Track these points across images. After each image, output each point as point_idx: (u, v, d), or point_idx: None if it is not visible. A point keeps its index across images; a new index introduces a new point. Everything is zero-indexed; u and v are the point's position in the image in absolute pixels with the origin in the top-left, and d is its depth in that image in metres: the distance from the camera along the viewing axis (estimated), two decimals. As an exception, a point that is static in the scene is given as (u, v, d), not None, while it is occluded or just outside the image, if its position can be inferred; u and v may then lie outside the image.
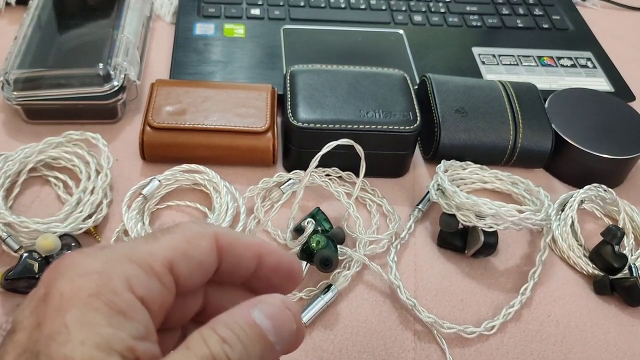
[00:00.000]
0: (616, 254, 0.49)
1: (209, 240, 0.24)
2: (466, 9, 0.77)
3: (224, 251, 0.25)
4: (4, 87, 0.55)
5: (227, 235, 0.25)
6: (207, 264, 0.24)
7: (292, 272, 0.26)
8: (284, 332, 0.23)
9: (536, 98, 0.59)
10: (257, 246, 0.26)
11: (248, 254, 0.25)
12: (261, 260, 0.26)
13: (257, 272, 0.26)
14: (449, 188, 0.49)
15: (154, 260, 0.22)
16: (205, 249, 0.24)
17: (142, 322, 0.21)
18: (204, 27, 0.70)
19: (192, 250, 0.23)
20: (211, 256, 0.24)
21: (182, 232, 0.24)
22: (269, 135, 0.54)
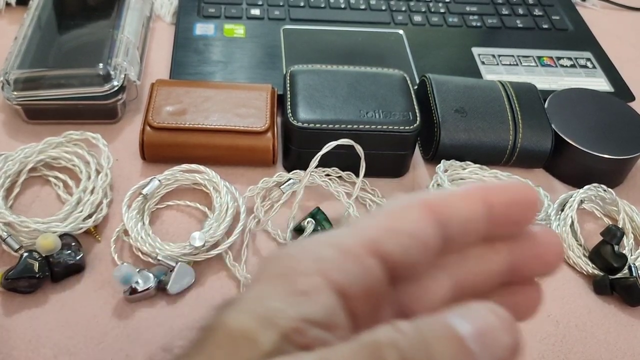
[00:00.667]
0: (616, 254, 0.49)
1: (418, 210, 0.20)
2: (466, 9, 0.77)
3: (441, 214, 0.21)
4: (4, 87, 0.55)
5: (438, 198, 0.21)
6: (422, 235, 0.20)
7: (527, 198, 0.22)
8: (491, 342, 0.17)
9: (536, 98, 0.59)
10: (477, 191, 0.21)
11: (471, 204, 0.21)
12: (488, 203, 0.21)
13: (491, 218, 0.21)
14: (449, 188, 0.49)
15: (354, 242, 0.20)
16: (414, 219, 0.20)
17: (327, 308, 0.18)
18: (204, 27, 0.70)
19: (397, 225, 0.20)
20: (425, 226, 0.20)
21: (385, 209, 0.21)
22: (269, 135, 0.54)
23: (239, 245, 0.50)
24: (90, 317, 0.44)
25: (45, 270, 0.44)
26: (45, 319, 0.44)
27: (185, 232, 0.50)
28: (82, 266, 0.46)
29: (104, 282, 0.46)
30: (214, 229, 0.48)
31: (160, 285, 0.45)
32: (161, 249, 0.47)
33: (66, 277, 0.46)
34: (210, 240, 0.47)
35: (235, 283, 0.47)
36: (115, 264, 0.47)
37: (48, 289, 0.45)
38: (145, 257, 0.47)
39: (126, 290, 0.44)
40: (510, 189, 0.22)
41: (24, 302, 0.44)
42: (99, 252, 0.48)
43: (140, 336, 0.43)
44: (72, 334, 0.43)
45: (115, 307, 0.45)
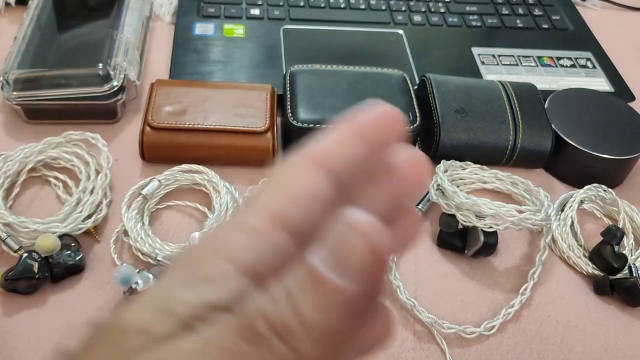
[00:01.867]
0: (616, 254, 0.49)
1: (306, 168, 0.20)
2: (466, 9, 0.77)
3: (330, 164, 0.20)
4: (3, 87, 0.55)
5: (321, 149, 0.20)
6: (320, 192, 0.19)
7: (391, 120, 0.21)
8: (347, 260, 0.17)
9: (536, 98, 0.59)
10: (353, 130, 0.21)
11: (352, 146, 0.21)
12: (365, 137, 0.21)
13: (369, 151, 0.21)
14: (448, 188, 0.49)
15: (259, 221, 0.19)
16: (307, 179, 0.20)
17: (229, 292, 0.18)
18: (204, 27, 0.70)
19: (295, 189, 0.20)
20: (319, 182, 0.20)
21: (276, 176, 0.21)
22: (269, 135, 0.54)
23: (238, 246, 0.49)
24: (90, 318, 0.44)
25: (45, 271, 0.44)
26: (45, 319, 0.43)
27: (185, 233, 0.50)
28: (81, 267, 0.46)
29: (103, 283, 0.46)
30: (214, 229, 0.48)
31: (160, 286, 0.45)
32: (161, 249, 0.47)
33: (66, 278, 0.46)
34: (210, 241, 0.47)
35: (235, 283, 0.47)
36: (114, 265, 0.47)
37: (48, 289, 0.45)
38: (145, 258, 0.47)
39: (126, 291, 0.44)
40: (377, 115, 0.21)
41: (23, 302, 0.44)
42: (99, 252, 0.48)
43: (140, 337, 0.43)
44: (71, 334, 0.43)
45: (115, 308, 0.44)
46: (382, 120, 0.21)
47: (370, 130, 0.21)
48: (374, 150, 0.20)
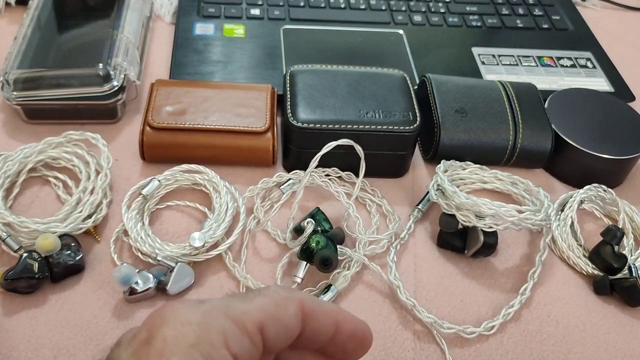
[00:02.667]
0: (616, 254, 0.49)
1: (296, 306, 0.25)
2: (466, 9, 0.77)
3: (307, 317, 0.25)
4: (3, 87, 0.55)
5: (310, 302, 0.26)
6: (292, 328, 0.25)
7: (365, 339, 0.27)
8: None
9: (536, 98, 0.59)
10: (335, 314, 0.27)
11: (328, 321, 0.26)
12: (338, 327, 0.26)
13: (333, 338, 0.27)
14: (448, 188, 0.49)
15: (248, 319, 0.23)
16: (292, 314, 0.25)
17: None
18: (204, 27, 0.70)
19: (280, 314, 0.25)
20: (296, 322, 0.25)
21: (271, 295, 0.25)
22: (269, 136, 0.54)
23: (238, 246, 0.50)
24: (90, 318, 0.44)
25: (45, 271, 0.44)
26: (45, 319, 0.43)
27: (185, 233, 0.50)
28: (81, 266, 0.46)
29: (103, 283, 0.46)
30: (214, 229, 0.48)
31: (160, 286, 0.45)
32: (161, 249, 0.47)
33: (66, 278, 0.46)
34: (209, 241, 0.47)
35: (235, 283, 0.47)
36: (114, 265, 0.47)
37: (48, 289, 0.45)
38: (145, 258, 0.47)
39: (126, 291, 0.44)
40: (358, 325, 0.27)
41: (23, 302, 0.44)
42: (99, 252, 0.48)
43: (139, 336, 0.43)
44: (71, 334, 0.43)
45: (114, 308, 0.45)
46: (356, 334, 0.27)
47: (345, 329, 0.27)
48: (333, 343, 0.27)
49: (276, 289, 0.26)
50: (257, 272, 0.48)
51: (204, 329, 0.22)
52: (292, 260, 0.49)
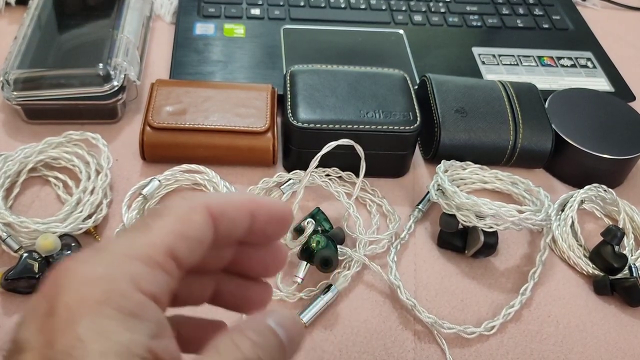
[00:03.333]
0: (616, 254, 0.49)
1: (202, 213, 0.23)
2: (466, 9, 0.77)
3: (218, 220, 0.24)
4: (4, 87, 0.55)
5: (218, 202, 0.24)
6: (204, 237, 0.23)
7: (284, 219, 0.26)
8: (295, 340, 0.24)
9: (536, 98, 0.59)
10: (248, 204, 0.25)
11: (241, 214, 0.25)
12: (254, 216, 0.25)
13: (251, 227, 0.25)
14: (449, 188, 0.49)
15: (155, 251, 0.21)
16: (199, 223, 0.23)
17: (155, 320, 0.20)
18: (204, 27, 0.70)
19: (187, 229, 0.23)
20: (207, 229, 0.23)
21: (173, 212, 0.23)
22: (269, 135, 0.54)
23: (239, 246, 0.49)
24: None
25: (45, 271, 0.44)
26: (45, 319, 0.43)
27: (185, 233, 0.50)
28: (82, 266, 0.46)
29: (103, 283, 0.46)
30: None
31: (160, 286, 0.45)
32: (161, 249, 0.46)
33: (66, 278, 0.46)
34: (210, 241, 0.47)
35: (235, 283, 0.47)
36: (115, 264, 0.47)
37: (48, 289, 0.45)
38: (145, 258, 0.47)
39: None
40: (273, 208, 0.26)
41: (23, 302, 0.44)
42: (99, 252, 0.48)
43: (140, 337, 0.43)
44: (72, 334, 0.43)
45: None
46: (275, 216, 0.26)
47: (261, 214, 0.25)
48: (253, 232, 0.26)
49: (177, 203, 0.23)
50: (257, 272, 0.48)
51: (109, 280, 0.20)
52: (292, 260, 0.49)
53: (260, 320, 0.23)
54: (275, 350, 0.22)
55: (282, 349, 0.23)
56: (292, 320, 0.24)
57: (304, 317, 0.44)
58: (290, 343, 0.23)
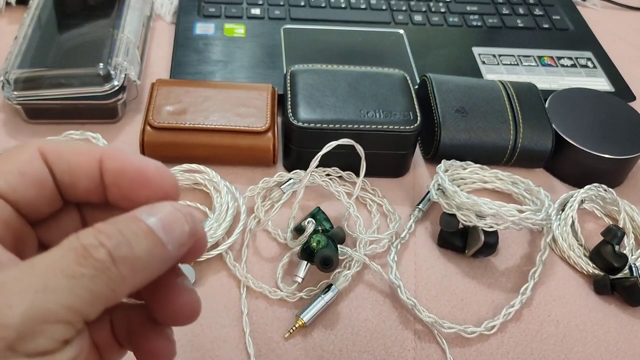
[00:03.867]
0: (616, 254, 0.49)
1: (30, 151, 0.23)
2: (466, 8, 0.77)
3: (50, 158, 0.23)
4: (4, 87, 0.55)
5: (54, 145, 0.23)
6: (32, 173, 0.23)
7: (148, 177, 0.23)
8: (175, 231, 0.22)
9: (536, 98, 0.59)
10: (93, 151, 0.24)
11: (81, 160, 0.23)
12: (102, 166, 0.23)
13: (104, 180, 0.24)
14: (449, 188, 0.49)
15: None
16: (24, 159, 0.23)
17: None
18: (204, 26, 0.70)
19: (9, 164, 0.22)
20: (34, 166, 0.23)
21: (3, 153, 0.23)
22: (269, 135, 0.54)
23: (239, 245, 0.50)
24: None
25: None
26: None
27: (186, 232, 0.50)
28: (82, 266, 0.46)
29: (104, 282, 0.46)
30: (215, 228, 0.48)
31: (161, 285, 0.45)
32: (161, 248, 0.46)
33: (66, 277, 0.46)
34: (210, 240, 0.47)
35: (235, 283, 0.47)
36: (115, 264, 0.47)
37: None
38: (146, 257, 0.47)
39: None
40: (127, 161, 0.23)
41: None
42: (99, 252, 0.48)
43: (140, 336, 0.43)
44: (72, 334, 0.43)
45: None
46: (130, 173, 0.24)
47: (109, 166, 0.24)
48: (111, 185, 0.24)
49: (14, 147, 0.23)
50: (257, 271, 0.48)
51: None
52: (292, 259, 0.49)
53: (127, 213, 0.22)
54: (139, 239, 0.20)
55: (153, 240, 0.21)
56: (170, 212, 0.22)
57: (304, 316, 0.44)
58: (170, 236, 0.21)
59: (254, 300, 0.46)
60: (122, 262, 0.20)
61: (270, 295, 0.46)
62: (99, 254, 0.20)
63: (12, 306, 0.18)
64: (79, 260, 0.19)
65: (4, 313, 0.18)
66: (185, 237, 0.22)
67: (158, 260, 0.21)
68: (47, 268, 0.19)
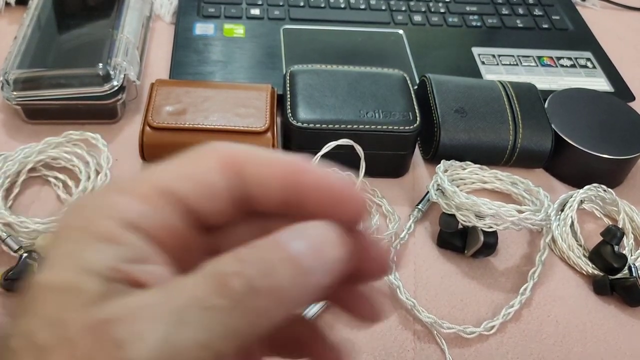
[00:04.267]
0: (616, 254, 0.49)
1: (213, 158, 0.20)
2: (466, 9, 0.77)
3: (236, 170, 0.20)
4: (3, 87, 0.55)
5: (239, 151, 0.21)
6: (217, 183, 0.20)
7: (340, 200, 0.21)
8: (324, 257, 0.19)
9: (536, 98, 0.59)
10: (287, 164, 0.21)
11: (274, 171, 0.21)
12: (297, 179, 0.21)
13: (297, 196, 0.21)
14: (448, 188, 0.49)
15: (143, 185, 0.20)
16: (206, 167, 0.20)
17: (134, 246, 0.19)
18: (204, 27, 0.70)
19: (190, 170, 0.20)
20: (218, 176, 0.20)
21: (180, 156, 0.21)
22: (269, 136, 0.54)
23: (238, 246, 0.49)
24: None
25: (45, 271, 0.44)
26: (45, 319, 0.43)
27: (185, 232, 0.50)
28: (81, 266, 0.46)
29: (103, 283, 0.46)
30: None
31: (160, 286, 0.45)
32: (161, 249, 0.46)
33: (66, 278, 0.46)
34: (210, 241, 0.47)
35: (235, 283, 0.47)
36: (114, 264, 0.47)
37: (48, 289, 0.45)
38: (145, 258, 0.47)
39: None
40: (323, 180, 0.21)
41: (23, 302, 0.44)
42: (99, 252, 0.48)
43: (139, 336, 0.43)
44: (71, 334, 0.43)
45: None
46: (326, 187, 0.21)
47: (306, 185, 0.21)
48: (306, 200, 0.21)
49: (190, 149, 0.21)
50: (257, 272, 0.48)
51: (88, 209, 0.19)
52: (292, 260, 0.49)
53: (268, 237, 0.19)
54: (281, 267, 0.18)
55: (296, 268, 0.18)
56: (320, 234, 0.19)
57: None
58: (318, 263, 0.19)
59: (253, 300, 0.46)
60: (261, 293, 0.18)
61: (269, 295, 0.46)
62: (236, 284, 0.17)
63: (142, 337, 0.16)
64: (215, 289, 0.17)
65: (134, 344, 0.16)
66: (337, 263, 0.19)
67: (304, 291, 0.18)
68: (182, 296, 0.17)
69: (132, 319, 0.16)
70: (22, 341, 0.17)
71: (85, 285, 0.17)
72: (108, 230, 0.19)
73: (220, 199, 0.20)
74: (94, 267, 0.18)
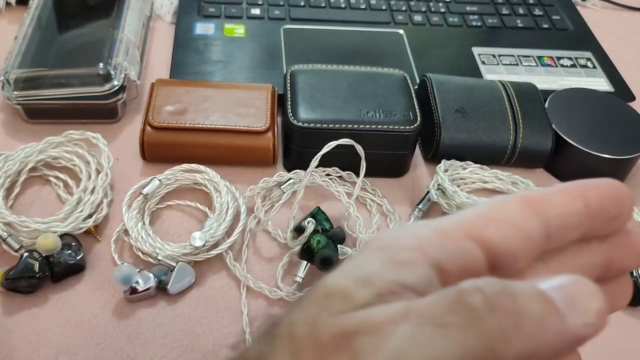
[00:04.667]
0: (616, 254, 0.49)
1: (517, 203, 0.21)
2: (466, 9, 0.77)
3: (541, 208, 0.21)
4: (4, 87, 0.55)
5: (535, 194, 0.21)
6: (524, 225, 0.20)
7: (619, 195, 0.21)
8: (578, 304, 0.18)
9: (536, 98, 0.59)
10: (574, 188, 0.21)
11: (567, 198, 0.21)
12: (585, 198, 0.21)
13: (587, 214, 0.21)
14: (449, 188, 0.49)
15: (453, 226, 0.20)
16: (514, 210, 0.21)
17: (420, 278, 0.19)
18: (204, 26, 0.70)
19: (496, 214, 0.21)
20: (523, 217, 0.20)
21: (483, 203, 0.21)
22: (269, 135, 0.54)
23: (239, 245, 0.50)
24: (91, 317, 0.44)
25: (46, 270, 0.44)
26: (46, 319, 0.43)
27: (186, 232, 0.50)
28: (82, 266, 0.46)
29: (104, 282, 0.46)
30: (214, 228, 0.48)
31: (161, 285, 0.45)
32: (161, 248, 0.47)
33: (66, 277, 0.46)
34: (210, 240, 0.47)
35: (235, 283, 0.47)
36: (115, 264, 0.47)
37: (48, 289, 0.45)
38: (146, 257, 0.47)
39: (126, 290, 0.44)
40: (604, 185, 0.21)
41: (24, 302, 0.44)
42: (99, 252, 0.48)
43: (140, 336, 0.43)
44: (72, 334, 0.43)
45: (115, 307, 0.45)
46: (609, 193, 0.21)
47: (592, 195, 0.21)
48: (591, 217, 0.21)
49: (490, 199, 0.22)
50: (257, 271, 0.48)
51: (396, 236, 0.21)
52: (292, 259, 0.49)
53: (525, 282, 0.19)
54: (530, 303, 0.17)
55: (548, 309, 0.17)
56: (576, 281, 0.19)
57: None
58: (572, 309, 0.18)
59: (254, 300, 0.46)
60: (501, 312, 0.17)
61: (270, 295, 0.46)
62: (473, 299, 0.17)
63: (377, 352, 0.17)
64: (451, 306, 0.17)
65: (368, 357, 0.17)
66: (593, 315, 0.18)
67: (553, 333, 0.17)
68: (419, 314, 0.17)
69: (374, 332, 0.17)
70: (285, 330, 0.19)
71: (357, 293, 0.19)
72: (405, 255, 0.20)
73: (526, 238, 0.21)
74: (375, 281, 0.19)
